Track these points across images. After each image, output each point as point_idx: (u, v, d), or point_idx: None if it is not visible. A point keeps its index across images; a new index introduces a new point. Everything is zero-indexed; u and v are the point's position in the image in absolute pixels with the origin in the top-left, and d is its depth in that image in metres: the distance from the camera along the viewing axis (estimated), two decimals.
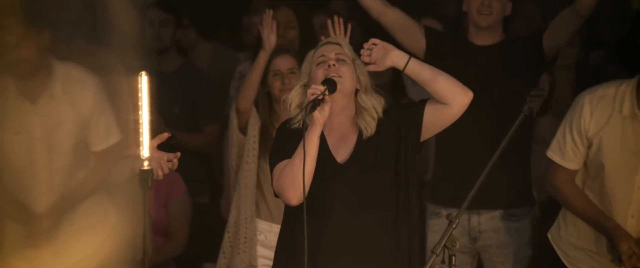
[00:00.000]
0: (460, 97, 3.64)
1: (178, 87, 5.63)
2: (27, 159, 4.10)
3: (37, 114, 4.14)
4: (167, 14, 5.67)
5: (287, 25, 4.97)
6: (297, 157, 3.58)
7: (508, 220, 4.64)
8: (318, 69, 3.66)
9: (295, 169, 3.56)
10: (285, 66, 4.55)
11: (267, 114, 4.58)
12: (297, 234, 3.64)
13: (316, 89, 3.55)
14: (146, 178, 3.57)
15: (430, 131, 3.72)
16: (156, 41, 5.67)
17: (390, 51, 3.66)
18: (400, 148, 3.68)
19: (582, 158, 4.21)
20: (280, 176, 3.61)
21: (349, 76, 3.66)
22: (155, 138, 3.80)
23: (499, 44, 4.69)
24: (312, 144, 3.56)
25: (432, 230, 4.69)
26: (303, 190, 3.53)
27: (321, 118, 3.56)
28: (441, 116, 3.68)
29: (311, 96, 3.54)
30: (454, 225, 3.61)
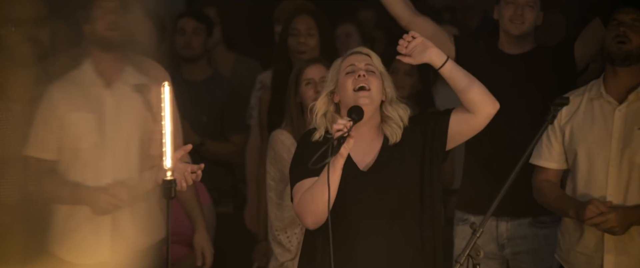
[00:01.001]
0: (489, 108, 3.64)
1: (207, 96, 5.65)
2: (96, 138, 4.09)
3: (111, 97, 4.13)
4: (199, 23, 5.70)
5: (308, 32, 4.98)
6: (319, 186, 3.56)
7: (536, 226, 4.61)
8: (347, 78, 3.66)
9: (316, 197, 3.56)
10: (317, 75, 4.55)
11: (300, 124, 4.58)
12: (320, 244, 3.64)
13: (342, 125, 3.52)
14: (169, 188, 3.60)
15: (455, 141, 3.70)
16: (187, 50, 5.70)
17: (429, 47, 3.65)
18: (425, 156, 3.67)
19: (557, 155, 4.19)
20: (301, 200, 3.61)
21: (376, 87, 3.66)
22: (178, 150, 3.83)
23: (530, 52, 4.66)
24: (335, 177, 3.55)
25: (459, 237, 4.67)
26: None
27: (346, 152, 3.55)
28: (466, 126, 3.67)
29: (336, 133, 3.52)
30: (478, 234, 3.59)
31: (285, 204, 4.58)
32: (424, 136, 3.68)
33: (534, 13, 4.57)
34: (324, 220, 3.57)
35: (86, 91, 4.11)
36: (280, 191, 4.61)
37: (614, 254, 4.09)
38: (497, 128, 4.44)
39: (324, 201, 3.53)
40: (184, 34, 5.71)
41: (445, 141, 3.68)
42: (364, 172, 3.67)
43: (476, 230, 3.59)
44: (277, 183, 4.64)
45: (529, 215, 4.59)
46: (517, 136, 4.50)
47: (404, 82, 5.31)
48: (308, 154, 3.58)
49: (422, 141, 3.68)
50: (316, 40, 4.98)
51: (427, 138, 3.68)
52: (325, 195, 3.52)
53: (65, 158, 4.08)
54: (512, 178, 3.65)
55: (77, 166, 4.08)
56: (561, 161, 4.21)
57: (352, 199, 3.63)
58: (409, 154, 3.67)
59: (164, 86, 3.67)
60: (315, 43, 4.97)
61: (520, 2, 4.55)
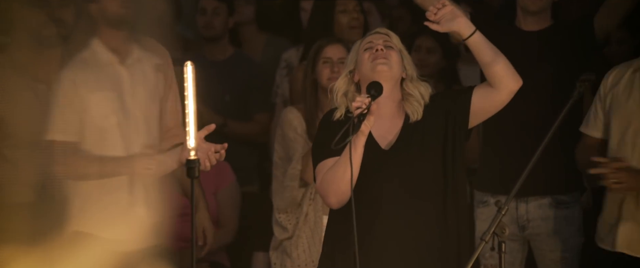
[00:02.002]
0: (512, 83, 3.63)
1: (229, 76, 5.65)
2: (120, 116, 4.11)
3: (127, 73, 4.14)
4: (219, 2, 5.70)
5: (354, 9, 5.07)
6: (341, 165, 3.56)
7: (557, 207, 4.59)
8: (365, 53, 3.66)
9: (338, 176, 3.56)
10: (336, 55, 4.55)
11: (313, 102, 4.58)
12: (345, 224, 3.63)
13: (361, 102, 3.52)
14: (193, 167, 3.60)
15: (477, 118, 3.69)
16: (208, 29, 5.70)
17: (459, 16, 3.63)
18: (448, 134, 3.66)
19: (601, 124, 4.19)
20: (324, 179, 3.61)
21: (396, 61, 3.65)
22: (202, 129, 3.83)
23: (548, 29, 4.63)
24: (357, 155, 3.55)
25: (480, 219, 4.66)
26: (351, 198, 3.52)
27: (367, 130, 3.54)
28: (489, 102, 3.66)
29: (356, 111, 3.51)
30: (503, 212, 3.59)
31: (286, 184, 4.59)
32: (446, 114, 3.67)
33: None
34: (347, 199, 3.57)
35: (103, 69, 4.11)
36: (284, 169, 4.62)
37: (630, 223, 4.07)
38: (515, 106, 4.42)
39: (346, 180, 3.53)
40: (204, 13, 5.71)
41: (467, 119, 3.67)
42: (385, 151, 3.66)
43: (501, 208, 3.58)
44: (282, 161, 4.64)
45: (547, 193, 4.57)
46: (536, 114, 4.49)
47: (427, 60, 5.29)
48: (329, 135, 3.58)
49: (445, 119, 3.67)
50: (363, 18, 5.08)
51: (449, 116, 3.67)
52: (348, 174, 3.52)
53: (89, 138, 4.09)
54: (537, 156, 3.63)
55: (104, 144, 4.09)
56: (601, 130, 4.21)
57: (374, 178, 3.63)
58: (431, 132, 3.66)
59: (186, 65, 3.66)
60: (363, 21, 5.06)
61: None
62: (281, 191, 4.61)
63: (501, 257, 3.57)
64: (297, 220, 4.59)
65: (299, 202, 4.59)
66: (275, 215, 4.63)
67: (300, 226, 4.58)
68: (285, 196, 4.58)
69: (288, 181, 4.57)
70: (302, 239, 4.60)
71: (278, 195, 4.62)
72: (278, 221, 4.62)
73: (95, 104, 4.07)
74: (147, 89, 4.15)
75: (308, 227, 4.59)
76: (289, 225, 4.59)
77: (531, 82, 4.49)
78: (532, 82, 4.49)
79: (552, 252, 4.59)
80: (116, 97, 4.10)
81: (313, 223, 4.58)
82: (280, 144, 4.65)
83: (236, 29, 5.86)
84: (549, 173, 4.47)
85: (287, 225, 4.60)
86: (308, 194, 4.59)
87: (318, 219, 4.58)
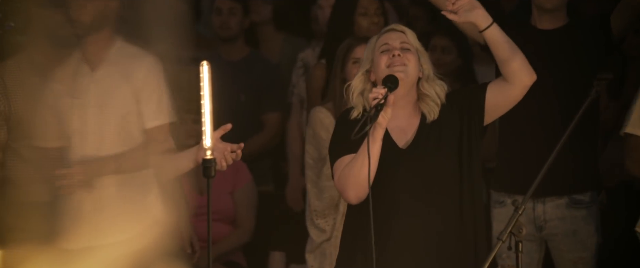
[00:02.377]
0: (526, 78, 3.64)
1: (245, 76, 5.66)
2: (80, 123, 4.15)
3: (95, 82, 4.18)
4: (235, 2, 5.70)
5: (375, 12, 5.03)
6: (359, 158, 3.56)
7: (574, 207, 4.57)
8: (382, 56, 3.65)
9: (356, 170, 3.55)
10: None
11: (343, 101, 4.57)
12: (362, 222, 3.63)
13: (377, 92, 3.52)
14: (209, 167, 3.60)
15: (492, 114, 3.69)
16: (224, 29, 5.70)
17: (477, 7, 3.63)
18: (463, 131, 3.66)
19: None
20: (342, 174, 3.60)
21: (413, 64, 3.64)
22: (218, 129, 3.83)
23: (563, 27, 4.62)
24: (375, 148, 3.54)
25: (497, 219, 4.64)
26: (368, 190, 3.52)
27: (384, 122, 3.53)
28: (503, 98, 3.66)
29: (373, 101, 3.51)
30: (520, 211, 3.57)
31: (323, 185, 4.58)
32: (461, 112, 3.67)
33: None
34: (365, 193, 3.56)
35: (74, 77, 4.14)
36: (318, 170, 4.61)
37: None
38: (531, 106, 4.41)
39: (364, 174, 3.53)
40: (220, 13, 5.71)
41: (482, 116, 3.67)
42: (402, 150, 3.66)
43: (518, 207, 3.57)
44: (315, 161, 4.64)
45: (564, 193, 4.56)
46: (552, 114, 4.47)
47: (442, 59, 5.29)
48: (346, 132, 3.58)
49: (460, 117, 3.67)
50: (383, 20, 5.04)
51: (464, 114, 3.67)
52: (366, 167, 3.52)
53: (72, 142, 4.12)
54: (554, 155, 3.62)
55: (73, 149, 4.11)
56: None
57: (391, 176, 3.62)
58: (447, 131, 3.66)
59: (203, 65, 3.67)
60: (383, 23, 5.01)
61: None
62: (318, 193, 4.60)
63: (518, 257, 3.56)
64: (335, 221, 4.58)
65: (336, 203, 4.58)
66: (311, 218, 4.61)
67: (337, 226, 4.58)
68: (324, 197, 4.58)
69: (324, 181, 4.56)
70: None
71: (315, 197, 4.61)
72: (316, 224, 4.60)
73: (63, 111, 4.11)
74: (113, 99, 4.18)
75: None
76: (327, 227, 4.59)
77: (547, 81, 4.48)
78: (548, 81, 4.49)
79: (569, 252, 4.57)
80: (78, 105, 4.12)
81: None
82: (312, 145, 4.64)
83: (253, 29, 5.86)
84: (566, 173, 4.45)
85: (325, 227, 4.59)
86: None
87: None
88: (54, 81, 4.22)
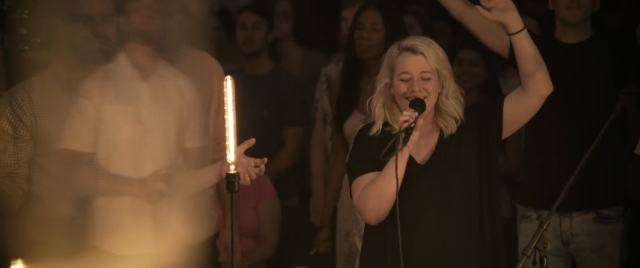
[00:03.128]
0: (545, 88, 3.65)
1: (268, 90, 5.66)
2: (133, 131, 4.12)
3: (148, 90, 4.16)
4: (260, 17, 5.71)
5: (372, 27, 4.92)
6: (383, 179, 3.56)
7: (601, 222, 4.55)
8: (401, 85, 3.64)
9: (378, 190, 3.55)
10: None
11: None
12: (382, 239, 3.63)
13: (408, 116, 3.52)
14: (233, 181, 3.60)
15: (510, 127, 3.69)
16: (248, 45, 5.71)
17: (511, 9, 3.63)
18: (482, 145, 3.66)
19: None
20: (362, 194, 3.60)
21: (433, 93, 3.64)
22: (242, 144, 3.84)
23: (588, 41, 4.60)
24: (400, 168, 3.55)
25: (523, 234, 4.63)
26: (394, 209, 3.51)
27: (412, 146, 3.55)
28: (521, 108, 3.66)
29: (404, 124, 3.51)
30: (545, 226, 3.56)
31: None
32: (479, 126, 3.68)
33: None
34: (386, 214, 3.56)
35: (123, 84, 4.12)
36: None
37: None
38: (557, 120, 4.39)
39: (387, 195, 3.53)
40: (245, 28, 5.72)
41: (500, 128, 3.67)
42: (421, 165, 3.66)
43: (543, 222, 3.56)
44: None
45: (591, 208, 4.53)
46: (578, 128, 4.45)
47: (471, 71, 5.28)
48: (366, 150, 3.60)
49: (478, 131, 3.67)
50: (381, 35, 4.90)
51: (483, 127, 3.67)
52: (389, 189, 3.52)
53: (102, 151, 4.10)
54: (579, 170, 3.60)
55: (113, 158, 4.10)
56: None
57: (411, 192, 3.62)
58: (466, 145, 3.66)
59: (226, 79, 3.67)
60: (380, 38, 4.89)
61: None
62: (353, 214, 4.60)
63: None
64: None
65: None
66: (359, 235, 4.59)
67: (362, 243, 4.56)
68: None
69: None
70: None
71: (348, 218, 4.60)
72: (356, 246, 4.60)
73: (109, 117, 4.09)
74: (168, 108, 4.16)
75: None
76: None
77: (572, 95, 4.47)
78: (573, 95, 4.47)
79: (597, 267, 4.55)
80: (132, 112, 4.11)
81: None
82: None
83: (273, 44, 5.87)
84: (593, 187, 4.43)
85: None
86: None
87: None
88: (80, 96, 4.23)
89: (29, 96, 4.17)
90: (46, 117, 4.18)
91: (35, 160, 4.20)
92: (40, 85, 4.21)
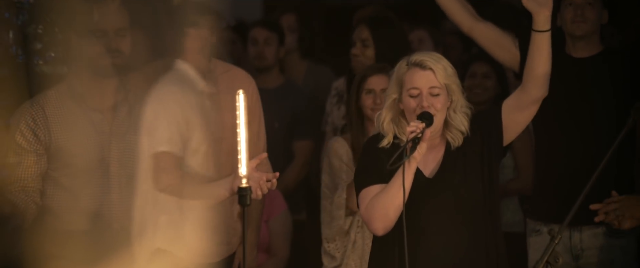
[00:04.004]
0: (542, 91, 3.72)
1: (279, 104, 5.68)
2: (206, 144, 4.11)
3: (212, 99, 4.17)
4: (271, 32, 5.73)
5: (362, 43, 4.95)
6: (390, 190, 3.58)
7: (612, 237, 4.55)
8: (410, 100, 3.66)
9: (386, 202, 3.57)
10: (379, 86, 4.55)
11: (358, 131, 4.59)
12: (389, 251, 3.65)
13: (415, 126, 3.55)
14: (244, 195, 3.62)
15: (510, 132, 3.72)
16: (259, 60, 5.73)
17: (548, 6, 3.71)
18: (485, 154, 3.70)
19: None
20: (369, 205, 3.62)
21: (441, 109, 3.66)
22: (254, 159, 3.85)
23: (598, 55, 4.61)
24: (408, 179, 3.57)
25: (533, 248, 4.62)
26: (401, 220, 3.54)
27: (419, 157, 3.57)
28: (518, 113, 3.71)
29: (410, 135, 3.54)
30: (557, 241, 3.57)
31: (335, 213, 4.60)
32: (482, 135, 3.71)
33: (596, 11, 4.52)
34: (392, 224, 3.58)
35: (198, 94, 4.14)
36: (332, 200, 4.63)
37: None
38: (568, 134, 4.39)
39: (395, 206, 3.54)
40: (256, 44, 5.75)
41: (501, 136, 3.70)
42: (429, 179, 3.68)
43: (555, 236, 3.56)
44: (330, 191, 4.66)
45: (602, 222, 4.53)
46: (589, 142, 4.45)
47: (483, 84, 5.30)
48: (373, 161, 3.61)
49: (481, 141, 3.70)
50: (371, 51, 4.93)
51: (485, 136, 3.71)
52: (397, 200, 3.54)
53: (186, 155, 4.10)
54: (591, 184, 3.61)
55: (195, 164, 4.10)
56: None
57: (418, 205, 3.64)
58: (472, 156, 3.69)
59: (238, 94, 3.69)
60: (370, 54, 4.92)
61: (579, 2, 4.50)
62: (329, 221, 4.63)
63: None
64: (345, 248, 4.60)
65: (346, 230, 4.60)
66: (324, 245, 4.65)
67: (348, 254, 4.60)
68: (333, 225, 4.61)
69: (335, 210, 4.59)
70: (351, 266, 4.61)
71: (326, 225, 4.64)
72: (327, 250, 4.64)
73: (195, 127, 4.09)
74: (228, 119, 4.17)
75: (356, 255, 4.60)
76: (337, 254, 4.61)
77: (583, 109, 4.48)
78: (584, 109, 4.48)
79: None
80: (206, 125, 4.13)
81: (361, 250, 4.59)
82: (328, 174, 4.67)
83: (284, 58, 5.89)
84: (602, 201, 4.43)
85: (335, 253, 4.62)
86: (356, 222, 4.60)
87: (366, 246, 4.59)
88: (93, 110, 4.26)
89: (43, 110, 4.20)
90: (60, 131, 4.21)
91: (49, 174, 4.23)
92: (54, 99, 4.23)
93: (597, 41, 4.62)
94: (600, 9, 4.55)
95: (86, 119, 4.23)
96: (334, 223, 4.59)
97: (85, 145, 4.19)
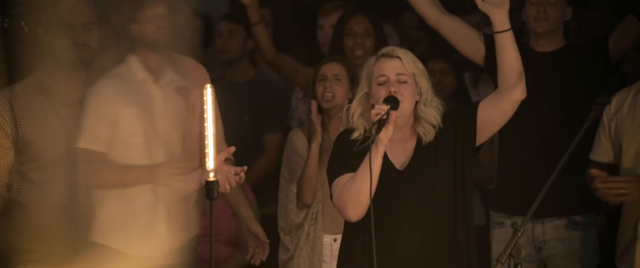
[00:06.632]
0: (519, 93, 3.69)
1: (249, 97, 5.68)
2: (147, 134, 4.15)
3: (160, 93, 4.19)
4: (236, 25, 5.74)
5: (365, 33, 4.97)
6: (359, 176, 3.61)
7: (573, 229, 4.61)
8: (379, 89, 3.69)
9: (356, 187, 3.60)
10: (330, 72, 4.56)
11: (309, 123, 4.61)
12: (359, 243, 3.69)
13: (380, 109, 3.58)
14: (212, 189, 3.65)
15: (485, 132, 3.74)
16: (224, 53, 5.74)
17: (504, 7, 3.69)
18: (457, 151, 3.72)
19: (605, 149, 4.19)
20: (341, 192, 3.65)
21: (408, 97, 3.69)
22: (222, 152, 3.88)
23: (561, 50, 4.67)
24: (376, 165, 3.59)
25: (496, 240, 4.68)
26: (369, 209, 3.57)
27: (385, 139, 3.59)
28: (494, 113, 3.70)
29: (375, 117, 3.57)
30: (519, 234, 3.62)
31: (289, 207, 4.63)
32: (455, 132, 3.73)
33: (558, 9, 4.57)
34: (365, 210, 3.61)
35: (137, 87, 4.16)
36: (289, 192, 4.66)
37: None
38: (530, 127, 4.44)
39: (364, 191, 3.58)
40: (221, 37, 5.75)
41: (475, 134, 3.73)
42: (400, 171, 3.72)
43: (517, 229, 3.61)
44: (287, 183, 4.68)
45: (564, 214, 4.59)
46: (551, 135, 4.51)
47: (441, 81, 5.34)
48: (345, 152, 3.65)
49: (454, 137, 3.73)
50: (372, 41, 4.96)
51: (458, 133, 3.73)
52: (365, 185, 3.57)
53: (116, 152, 4.13)
54: (553, 177, 3.66)
55: (128, 160, 4.13)
56: (609, 155, 4.21)
57: (389, 197, 3.68)
58: (443, 151, 3.72)
59: (206, 88, 3.71)
60: (372, 44, 4.95)
61: (542, 0, 4.55)
62: (285, 214, 4.65)
63: None
64: (299, 240, 4.63)
65: (300, 223, 4.63)
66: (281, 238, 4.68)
67: (301, 245, 4.63)
68: (289, 219, 4.64)
69: (289, 203, 4.63)
70: (303, 258, 4.64)
71: (282, 218, 4.67)
72: (282, 242, 4.67)
73: (125, 119, 4.12)
74: (176, 111, 4.19)
75: (309, 246, 4.63)
76: (290, 245, 4.64)
77: (546, 103, 4.53)
78: (546, 103, 4.54)
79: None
80: (146, 116, 4.15)
81: (313, 242, 4.63)
82: (286, 167, 4.69)
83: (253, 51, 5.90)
84: (565, 194, 4.49)
85: (289, 245, 4.65)
86: (310, 214, 4.63)
87: (318, 239, 4.63)
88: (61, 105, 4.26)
89: (10, 104, 4.19)
90: (28, 125, 4.21)
91: (17, 168, 4.23)
92: (21, 93, 4.23)
93: (560, 37, 4.67)
94: (563, 7, 4.60)
95: (53, 113, 4.23)
96: (288, 217, 4.62)
97: (53, 139, 4.19)
